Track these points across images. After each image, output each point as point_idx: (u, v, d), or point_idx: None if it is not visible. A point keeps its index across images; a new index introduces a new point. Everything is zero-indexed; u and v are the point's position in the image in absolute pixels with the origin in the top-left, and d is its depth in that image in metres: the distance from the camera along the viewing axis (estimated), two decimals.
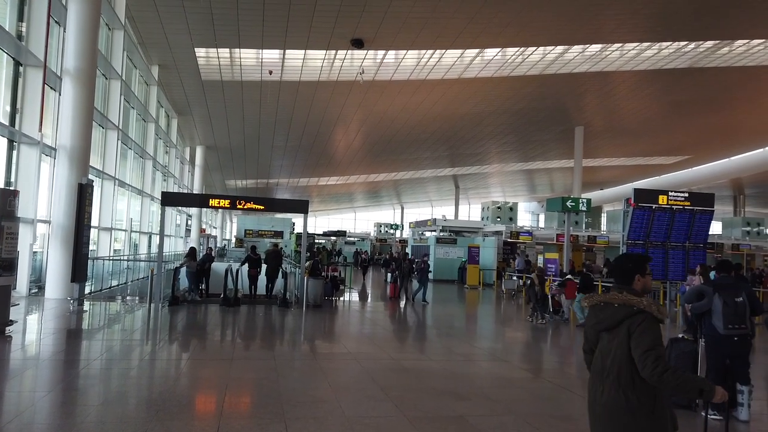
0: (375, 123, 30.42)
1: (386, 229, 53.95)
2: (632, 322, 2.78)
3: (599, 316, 2.96)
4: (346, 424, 5.00)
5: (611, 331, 2.89)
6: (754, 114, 29.87)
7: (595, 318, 2.99)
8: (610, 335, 2.88)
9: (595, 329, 3.00)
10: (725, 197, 51.25)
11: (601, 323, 2.94)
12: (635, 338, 2.74)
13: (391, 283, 17.65)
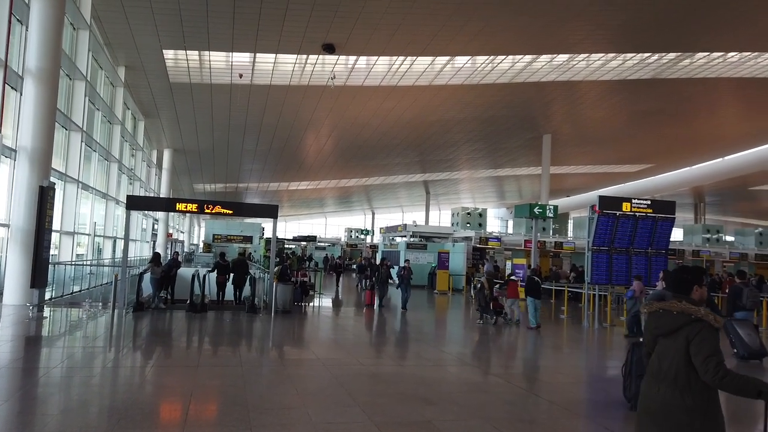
0: (346, 128, 30.43)
1: (357, 234, 53.90)
2: (691, 329, 2.98)
3: (658, 322, 3.18)
4: (314, 431, 4.97)
5: (669, 337, 3.09)
6: (714, 124, 30.93)
7: (654, 324, 3.21)
8: (668, 340, 3.09)
9: (653, 334, 3.22)
10: (686, 205, 52.81)
11: (660, 329, 3.15)
12: (695, 345, 2.93)
13: (368, 290, 16.94)
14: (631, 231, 14.17)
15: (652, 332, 3.22)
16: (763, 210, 57.41)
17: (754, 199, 52.24)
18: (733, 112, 29.56)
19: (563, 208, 41.43)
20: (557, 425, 5.69)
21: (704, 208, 54.57)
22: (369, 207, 68.06)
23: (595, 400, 7.04)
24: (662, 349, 3.12)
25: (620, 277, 14.25)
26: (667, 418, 2.97)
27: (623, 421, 5.87)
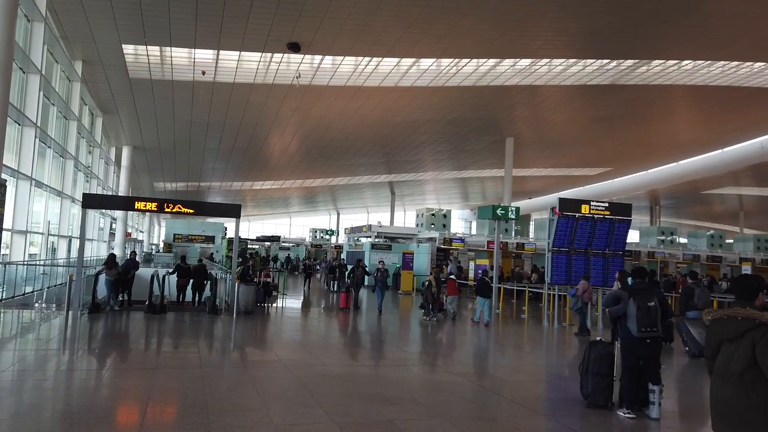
0: (311, 128, 30.24)
1: (322, 234, 53.62)
2: (756, 333, 3.27)
3: (723, 328, 3.48)
4: None
5: (734, 341, 3.38)
6: (669, 130, 31.99)
7: (720, 330, 3.50)
8: (733, 344, 3.38)
9: (717, 339, 3.52)
10: (643, 207, 54.47)
11: (726, 334, 3.44)
12: (761, 347, 3.21)
13: (343, 293, 16.10)
14: (589, 232, 14.52)
15: (716, 337, 3.53)
16: (714, 213, 59.71)
17: (706, 202, 54.28)
18: (687, 119, 30.62)
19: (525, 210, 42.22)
20: (517, 423, 5.79)
21: (659, 211, 56.42)
22: (334, 207, 67.81)
23: (553, 397, 7.19)
24: (727, 352, 3.42)
25: (579, 278, 14.58)
26: (734, 415, 3.28)
27: (580, 418, 6.02)
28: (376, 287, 16.01)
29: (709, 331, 3.61)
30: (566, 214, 14.41)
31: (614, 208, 15.04)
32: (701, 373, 9.25)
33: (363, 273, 16.35)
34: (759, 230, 49.04)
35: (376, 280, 15.98)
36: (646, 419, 5.97)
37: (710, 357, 3.59)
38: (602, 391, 6.32)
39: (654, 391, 6.04)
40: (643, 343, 6.12)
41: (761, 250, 34.65)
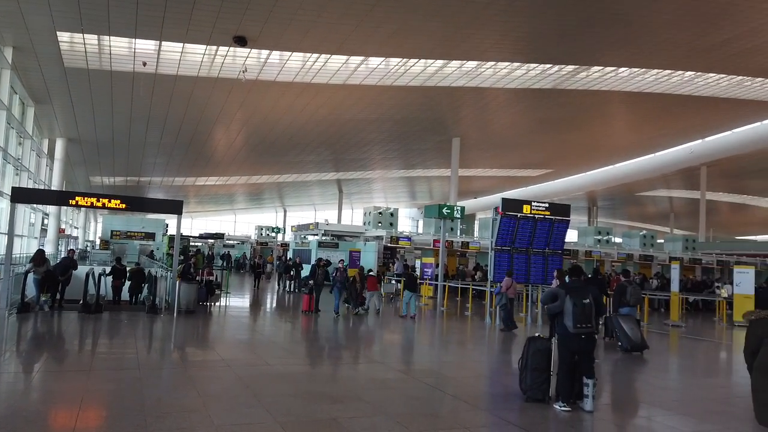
0: (258, 123, 29.76)
1: (267, 232, 52.86)
2: None
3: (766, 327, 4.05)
4: None
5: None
6: (606, 134, 33.38)
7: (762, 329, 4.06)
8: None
9: (758, 336, 4.05)
10: (581, 208, 56.61)
11: None
12: None
13: (305, 294, 14.90)
14: (530, 232, 14.97)
15: (757, 335, 4.06)
16: (647, 214, 62.76)
17: (640, 203, 56.99)
18: (623, 124, 32.03)
19: (470, 209, 43.03)
20: (458, 418, 5.91)
21: (597, 212, 58.79)
22: (281, 204, 66.97)
23: (494, 392, 7.38)
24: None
25: (520, 276, 15.01)
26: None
27: (519, 411, 6.21)
28: (333, 288, 15.04)
29: (751, 329, 4.24)
30: (509, 214, 14.79)
31: (554, 209, 15.55)
32: (633, 367, 9.73)
33: (325, 272, 15.23)
34: (687, 231, 51.89)
35: (334, 281, 14.96)
36: (580, 412, 6.21)
37: (750, 353, 4.23)
38: (540, 385, 6.53)
39: (588, 385, 6.29)
40: (578, 338, 6.37)
41: (689, 250, 36.65)
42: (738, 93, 25.12)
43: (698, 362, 11.51)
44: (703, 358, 12.05)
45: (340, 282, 14.93)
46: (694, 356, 12.24)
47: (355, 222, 58.34)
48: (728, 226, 61.07)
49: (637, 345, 10.80)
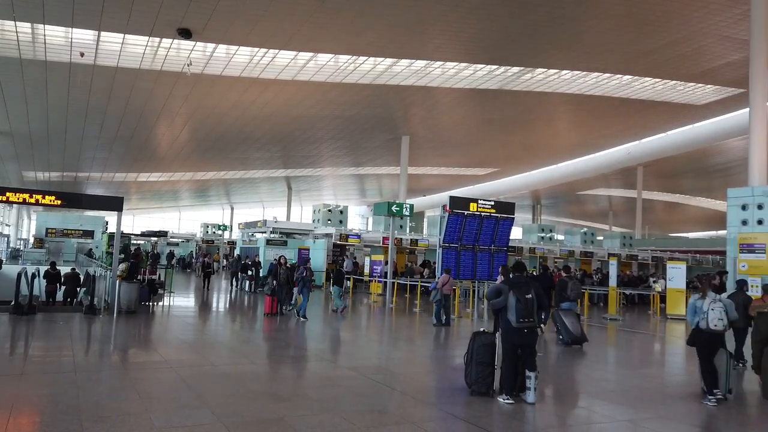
0: (203, 118, 29.02)
1: (214, 230, 51.65)
2: None
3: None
4: None
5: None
6: (550, 134, 34.41)
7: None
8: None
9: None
10: (526, 206, 58.13)
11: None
12: None
13: (268, 296, 13.77)
14: (477, 229, 15.26)
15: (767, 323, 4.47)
16: (588, 212, 65.11)
17: (581, 202, 59.07)
18: (565, 125, 33.10)
19: (419, 207, 43.47)
20: (405, 413, 5.97)
21: (540, 210, 60.53)
22: (228, 201, 65.59)
23: (440, 387, 7.48)
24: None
25: (467, 272, 15.29)
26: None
27: (464, 405, 6.33)
28: (301, 289, 13.85)
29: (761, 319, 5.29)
30: (456, 212, 15.03)
31: (499, 207, 15.91)
32: (573, 360, 10.08)
33: (288, 273, 14.05)
34: (625, 228, 54.16)
35: (300, 280, 13.89)
36: (522, 404, 6.39)
37: (759, 341, 5.26)
38: (484, 379, 6.68)
39: (530, 378, 6.48)
40: (521, 332, 6.55)
41: (626, 246, 38.28)
42: (672, 97, 26.40)
43: (634, 354, 12.05)
44: (638, 350, 12.63)
45: (307, 281, 13.84)
46: (631, 348, 12.81)
47: (305, 219, 57.86)
48: (663, 223, 64.17)
49: (577, 338, 11.20)
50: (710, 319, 6.88)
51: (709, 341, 7.04)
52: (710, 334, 6.98)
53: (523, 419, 5.94)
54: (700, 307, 7.05)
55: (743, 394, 7.61)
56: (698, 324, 7.06)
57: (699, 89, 25.35)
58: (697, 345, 7.18)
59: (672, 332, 15.28)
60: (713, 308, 6.91)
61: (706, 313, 6.95)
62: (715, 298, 7.07)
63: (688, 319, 7.35)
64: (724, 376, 7.02)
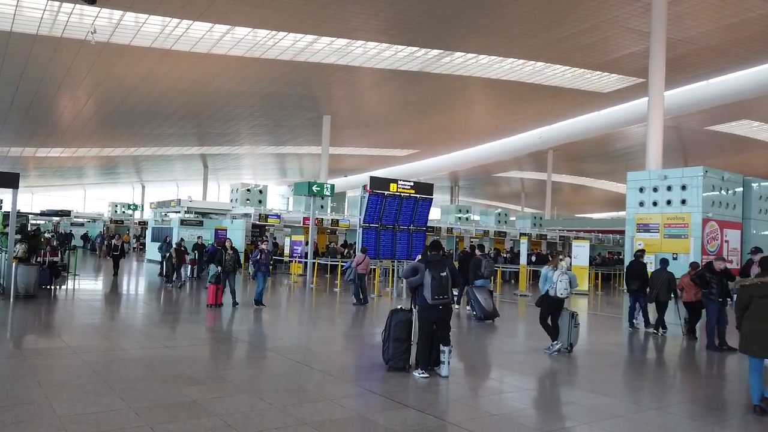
0: (111, 91, 27.30)
1: (123, 209, 49.00)
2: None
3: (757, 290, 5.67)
4: (58, 425, 4.46)
5: (764, 297, 5.59)
6: (467, 117, 35.32)
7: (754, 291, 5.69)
8: (764, 300, 5.59)
9: (750, 295, 5.72)
10: (444, 187, 59.60)
11: (759, 293, 5.65)
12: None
13: (212, 284, 12.03)
14: (396, 209, 15.48)
15: (750, 294, 5.71)
16: (502, 193, 67.78)
17: (496, 184, 61.34)
18: (482, 108, 34.12)
19: (341, 187, 43.40)
20: (323, 391, 6.02)
21: (458, 191, 62.27)
22: (138, 180, 62.38)
23: (359, 365, 7.60)
24: (761, 303, 5.62)
25: (386, 252, 15.52)
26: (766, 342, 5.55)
27: (381, 381, 6.47)
28: (257, 273, 12.73)
29: (743, 291, 5.85)
30: (376, 192, 15.15)
31: (418, 187, 16.20)
32: (485, 334, 10.56)
33: (236, 257, 12.69)
34: (536, 209, 56.95)
35: (257, 265, 12.70)
36: (437, 377, 6.63)
37: (742, 308, 5.78)
38: (401, 355, 6.86)
39: (444, 352, 6.72)
40: (436, 309, 6.77)
41: (536, 226, 40.27)
42: (580, 84, 27.85)
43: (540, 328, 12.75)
44: None
45: (264, 266, 12.58)
46: (538, 323, 13.54)
47: (222, 199, 56.15)
48: (570, 204, 68.03)
49: (490, 314, 11.72)
50: (558, 289, 8.30)
51: (553, 305, 8.46)
52: (555, 300, 8.41)
53: (437, 392, 6.17)
54: (551, 277, 8.40)
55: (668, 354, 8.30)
56: (547, 291, 8.42)
57: (604, 78, 26.90)
58: (543, 307, 8.59)
59: (575, 306, 16.31)
60: (561, 280, 8.30)
61: (555, 283, 8.31)
62: (563, 270, 8.43)
63: (540, 285, 8.77)
64: (566, 333, 8.49)
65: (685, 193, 19.03)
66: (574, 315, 8.62)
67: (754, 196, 21.08)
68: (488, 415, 5.47)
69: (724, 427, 5.42)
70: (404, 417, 5.18)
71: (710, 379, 7.71)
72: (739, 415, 5.95)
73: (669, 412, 5.86)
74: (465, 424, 5.06)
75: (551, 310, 8.53)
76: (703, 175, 18.92)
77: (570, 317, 8.53)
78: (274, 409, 5.18)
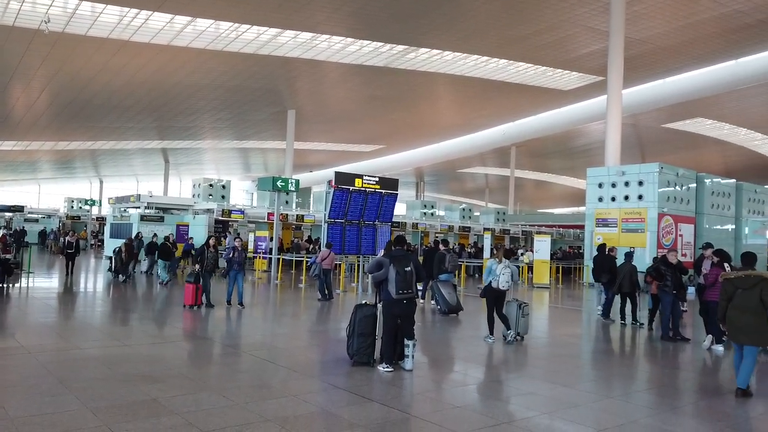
0: (66, 82, 26.39)
1: (80, 204, 47.52)
2: (763, 284, 5.99)
3: (740, 282, 6.13)
4: (11, 427, 4.31)
5: (747, 289, 6.06)
6: (432, 113, 35.53)
7: (737, 283, 6.15)
8: (747, 291, 6.06)
9: (734, 287, 6.16)
10: (410, 183, 59.88)
11: (742, 285, 6.10)
12: (765, 292, 5.94)
13: (190, 284, 11.32)
14: (362, 205, 15.46)
15: (734, 286, 6.16)
16: (467, 189, 68.49)
17: (461, 179, 61.94)
18: (447, 104, 34.38)
19: (306, 183, 43.11)
20: (287, 387, 5.99)
21: (423, 186, 62.62)
22: (96, 174, 60.56)
23: (324, 360, 7.59)
24: (744, 295, 6.06)
25: (352, 247, 15.50)
26: (751, 329, 6.00)
27: (346, 376, 6.47)
28: (230, 271, 11.82)
29: (728, 283, 6.27)
30: (341, 187, 15.09)
31: (384, 183, 16.21)
32: (449, 328, 10.67)
33: (215, 254, 11.95)
34: (499, 204, 57.79)
35: (231, 263, 11.83)
36: (401, 371, 6.67)
37: (726, 299, 6.23)
38: (365, 349, 6.87)
39: (408, 346, 6.76)
40: (400, 303, 6.80)
41: (500, 221, 40.88)
42: (542, 82, 28.33)
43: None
44: None
45: (239, 264, 11.79)
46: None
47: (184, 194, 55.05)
48: (532, 200, 69.29)
49: (454, 307, 11.85)
50: (500, 281, 8.60)
51: (496, 296, 8.78)
52: (498, 291, 8.71)
53: (401, 385, 6.21)
54: (495, 270, 8.70)
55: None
56: (490, 282, 8.71)
57: (565, 75, 27.44)
58: (487, 298, 8.91)
59: (537, 299, 16.64)
60: (504, 273, 8.61)
61: (498, 276, 8.60)
62: (507, 264, 8.73)
63: (484, 277, 9.15)
64: (514, 322, 8.81)
65: (642, 189, 19.63)
66: (521, 305, 8.88)
67: (706, 192, 21.90)
68: (451, 407, 5.54)
69: (676, 414, 5.62)
70: (368, 411, 5.20)
71: (665, 369, 7.98)
72: (692, 402, 6.19)
73: (626, 400, 6.05)
74: (428, 417, 5.12)
75: (496, 302, 8.85)
76: (658, 171, 19.54)
77: (518, 308, 8.81)
78: (237, 406, 5.12)
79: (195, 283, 11.28)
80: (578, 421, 5.18)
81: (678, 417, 5.54)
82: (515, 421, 5.14)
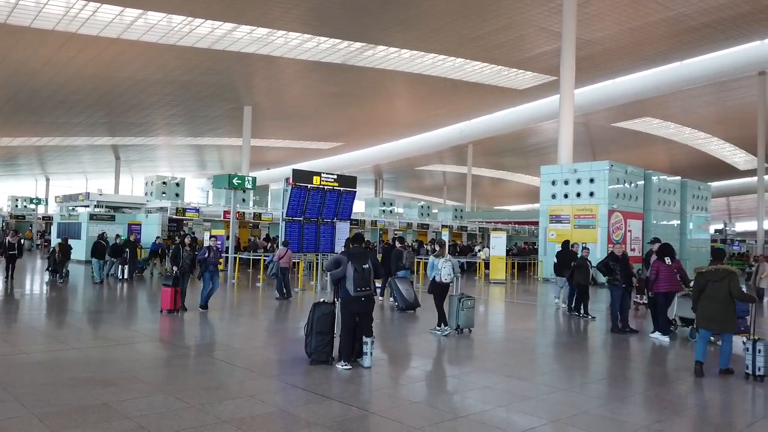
0: (9, 75, 25.24)
1: (25, 203, 45.54)
2: (731, 277, 6.65)
3: (711, 275, 6.75)
4: None
5: (717, 282, 6.67)
6: (390, 111, 35.67)
7: (708, 276, 6.77)
8: (717, 283, 6.66)
9: (705, 279, 6.77)
10: (368, 180, 59.91)
11: (712, 278, 6.72)
12: (733, 284, 6.62)
13: (168, 287, 10.58)
14: (320, 202, 15.38)
15: (705, 278, 6.76)
16: (425, 186, 69.03)
17: (419, 177, 62.39)
18: (405, 102, 34.56)
19: (264, 180, 42.56)
20: (244, 388, 5.91)
21: (382, 184, 62.78)
22: (42, 172, 58.16)
23: (281, 359, 7.52)
24: (714, 287, 6.67)
25: (310, 245, 15.40)
26: (720, 318, 6.66)
27: (304, 374, 6.44)
28: (205, 273, 11.22)
29: (700, 276, 6.87)
30: (299, 185, 14.96)
31: (342, 180, 16.16)
32: (407, 324, 10.75)
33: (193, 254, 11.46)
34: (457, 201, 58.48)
35: (206, 263, 11.23)
36: (360, 368, 6.68)
37: (697, 291, 6.84)
38: (324, 347, 6.85)
39: (367, 343, 6.78)
40: (359, 301, 6.81)
41: (458, 218, 41.38)
42: (497, 81, 28.83)
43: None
44: None
45: (214, 265, 11.24)
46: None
47: (136, 192, 53.45)
48: (489, 197, 70.42)
49: (412, 304, 11.94)
50: (443, 275, 9.06)
51: (441, 290, 9.23)
52: (442, 285, 9.18)
53: (360, 383, 6.22)
54: (437, 264, 9.13)
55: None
56: (434, 277, 9.15)
57: (520, 75, 28.00)
58: (434, 293, 9.30)
59: (493, 295, 16.95)
60: (445, 266, 9.07)
61: (440, 270, 9.04)
62: (447, 258, 9.23)
63: (428, 272, 9.58)
64: (454, 315, 9.23)
65: (593, 186, 20.23)
66: (461, 299, 9.23)
67: (654, 189, 22.75)
68: (409, 402, 5.59)
69: (624, 403, 5.84)
70: (327, 409, 5.19)
71: (614, 360, 8.27)
72: (640, 392, 6.44)
73: (578, 392, 6.24)
74: (387, 413, 5.15)
75: (441, 295, 9.24)
76: (609, 169, 20.18)
77: (458, 301, 9.20)
78: (192, 408, 5.03)
79: (173, 286, 10.51)
80: (533, 413, 5.31)
81: (627, 406, 5.75)
82: (472, 415, 5.24)
